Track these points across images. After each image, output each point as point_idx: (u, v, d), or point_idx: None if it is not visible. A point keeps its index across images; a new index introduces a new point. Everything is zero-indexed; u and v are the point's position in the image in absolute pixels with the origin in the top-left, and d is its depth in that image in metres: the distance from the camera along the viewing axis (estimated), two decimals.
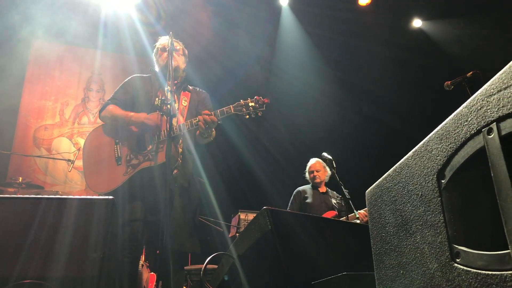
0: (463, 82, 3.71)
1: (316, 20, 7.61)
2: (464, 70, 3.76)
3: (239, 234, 4.15)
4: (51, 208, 2.06)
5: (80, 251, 1.98)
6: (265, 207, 2.27)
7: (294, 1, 7.62)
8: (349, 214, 4.74)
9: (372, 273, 1.37)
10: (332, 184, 5.37)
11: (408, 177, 1.25)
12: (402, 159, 1.29)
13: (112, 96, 3.34)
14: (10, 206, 2.08)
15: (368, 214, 1.43)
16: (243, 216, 5.84)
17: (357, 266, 1.93)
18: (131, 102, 3.32)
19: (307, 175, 5.76)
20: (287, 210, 5.02)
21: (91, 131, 3.35)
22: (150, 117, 3.06)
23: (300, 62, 8.06)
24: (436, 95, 6.04)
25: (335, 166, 4.83)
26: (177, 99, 3.24)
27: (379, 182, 1.39)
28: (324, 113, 7.92)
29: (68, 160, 5.72)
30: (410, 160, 1.25)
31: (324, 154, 4.96)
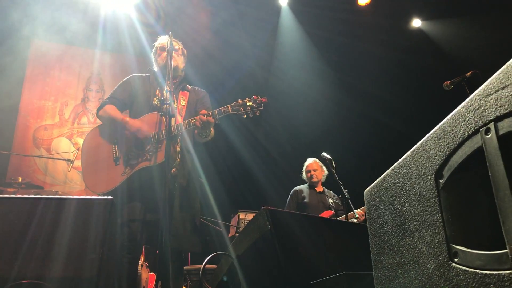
0: (462, 82, 3.71)
1: (316, 20, 7.60)
2: (463, 70, 3.76)
3: (238, 234, 4.15)
4: (50, 208, 2.06)
5: (79, 251, 1.98)
6: (264, 207, 2.27)
7: (294, 1, 7.62)
8: (348, 213, 4.74)
9: (371, 272, 1.37)
10: (331, 184, 5.37)
11: (407, 177, 1.25)
12: (401, 159, 1.29)
13: (110, 95, 3.33)
14: (10, 206, 2.07)
15: (366, 214, 1.43)
16: (242, 216, 5.84)
17: (355, 266, 1.93)
18: (129, 102, 3.32)
19: (304, 175, 5.76)
20: (286, 210, 5.01)
21: (89, 131, 3.34)
22: (142, 126, 3.05)
23: (299, 62, 8.06)
24: (436, 95, 6.03)
25: (334, 165, 4.83)
26: (175, 99, 3.23)
27: (378, 182, 1.39)
28: (323, 113, 7.91)
29: (68, 160, 5.72)
30: (408, 160, 1.25)
31: (324, 154, 4.97)
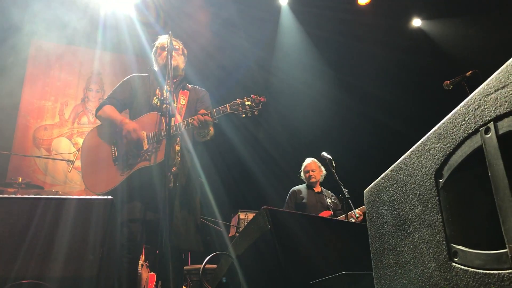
0: (462, 81, 3.71)
1: (316, 20, 7.60)
2: (463, 69, 3.76)
3: (238, 234, 4.15)
4: (50, 208, 2.06)
5: (79, 251, 1.98)
6: (264, 206, 2.27)
7: (294, 0, 7.61)
8: (348, 213, 4.74)
9: (371, 272, 1.37)
10: (331, 184, 5.37)
11: (406, 176, 1.25)
12: (400, 159, 1.29)
13: (110, 95, 3.33)
14: (10, 206, 2.07)
15: (366, 214, 1.43)
16: (242, 215, 5.84)
17: (355, 265, 1.93)
18: (129, 102, 3.32)
19: (302, 175, 5.76)
20: (286, 210, 5.02)
21: (89, 131, 3.34)
22: (139, 128, 3.04)
23: (299, 62, 8.05)
24: (435, 94, 6.03)
25: (334, 165, 4.84)
26: (175, 98, 3.23)
27: (377, 182, 1.39)
28: (323, 113, 7.90)
29: (68, 160, 5.72)
30: (408, 160, 1.25)
31: (324, 154, 4.97)
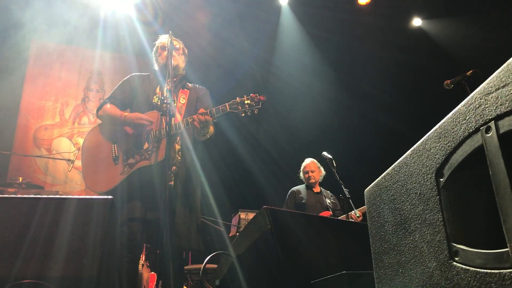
0: (462, 80, 3.70)
1: (316, 20, 7.59)
2: (464, 69, 3.75)
3: (238, 234, 4.15)
4: (50, 208, 2.06)
5: (79, 251, 1.98)
6: (264, 206, 2.27)
7: (294, 0, 7.61)
8: (349, 212, 4.74)
9: (371, 272, 1.37)
10: (332, 183, 5.38)
11: (407, 175, 1.25)
12: (401, 158, 1.29)
13: (110, 95, 3.35)
14: (10, 206, 2.07)
15: (367, 213, 1.43)
16: (243, 215, 5.84)
17: (356, 265, 1.93)
18: (129, 101, 3.33)
19: (301, 175, 5.76)
20: (286, 210, 5.02)
21: (89, 131, 3.35)
22: (143, 116, 3.06)
23: (299, 62, 8.05)
24: (436, 94, 6.03)
25: (335, 165, 4.84)
26: (175, 97, 3.24)
27: (378, 181, 1.39)
28: (323, 113, 7.90)
29: (68, 160, 5.72)
30: (409, 159, 1.25)
31: (324, 153, 4.97)
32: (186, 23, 6.97)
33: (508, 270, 0.88)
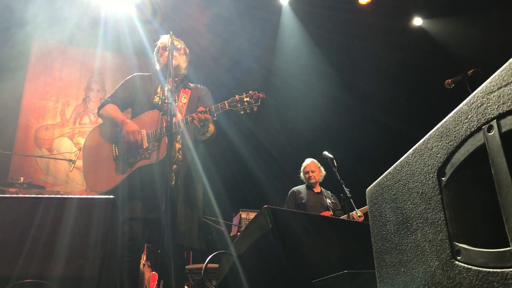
0: (463, 80, 3.70)
1: (316, 19, 7.59)
2: (464, 68, 3.75)
3: (239, 234, 4.15)
4: (51, 207, 2.06)
5: (80, 250, 1.98)
6: (265, 206, 2.27)
7: (294, 0, 7.60)
8: (350, 213, 4.74)
9: (373, 271, 1.37)
10: (333, 183, 5.38)
11: (409, 175, 1.24)
12: (403, 157, 1.29)
13: (112, 94, 3.36)
14: (11, 205, 2.08)
15: (368, 212, 1.42)
16: (244, 215, 5.84)
17: (357, 264, 1.93)
18: (130, 101, 3.33)
19: (302, 175, 5.77)
20: (288, 209, 5.02)
21: (90, 131, 3.36)
22: (138, 129, 3.05)
23: (300, 62, 8.04)
24: (437, 93, 6.02)
25: (336, 165, 4.84)
26: (176, 97, 3.24)
27: (380, 180, 1.39)
28: (324, 112, 7.90)
29: (69, 160, 5.71)
30: (411, 158, 1.25)
31: (325, 153, 4.97)
32: (187, 23, 6.97)
33: (511, 269, 0.88)
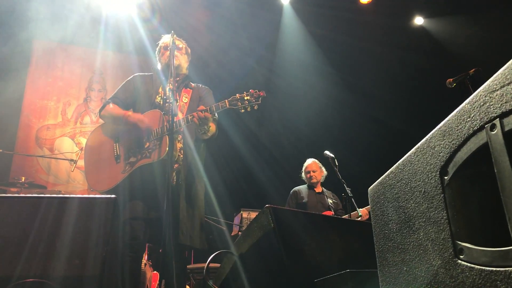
0: (465, 79, 3.69)
1: (317, 19, 7.59)
2: (466, 67, 3.74)
3: (241, 233, 4.15)
4: (52, 207, 2.06)
5: (81, 250, 1.98)
6: (267, 205, 2.27)
7: None
8: (351, 212, 4.74)
9: (375, 270, 1.36)
10: (334, 183, 5.38)
11: (411, 174, 1.24)
12: (405, 156, 1.29)
13: (113, 95, 3.36)
14: (12, 205, 2.08)
15: (370, 212, 1.42)
16: (245, 214, 5.84)
17: (359, 263, 1.93)
18: (131, 101, 3.34)
19: (303, 175, 5.77)
20: (289, 208, 5.02)
21: (92, 130, 3.37)
22: (144, 118, 3.06)
23: (301, 62, 8.03)
24: (438, 93, 6.02)
25: (337, 164, 4.84)
26: (178, 96, 3.24)
27: (382, 179, 1.39)
28: (325, 112, 7.89)
29: (71, 160, 5.72)
30: (413, 157, 1.24)
31: (326, 152, 4.98)
32: (188, 22, 6.97)
33: None
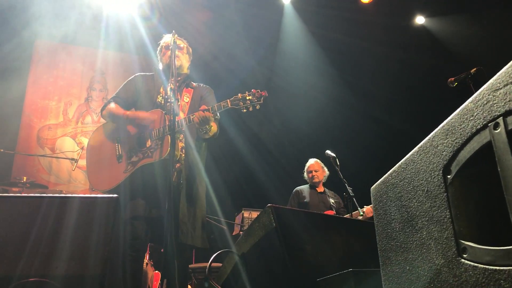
0: (466, 78, 3.69)
1: (319, 19, 7.58)
2: (467, 66, 3.74)
3: (242, 233, 4.15)
4: (53, 206, 2.06)
5: (83, 249, 1.98)
6: (269, 204, 2.27)
7: None
8: (353, 212, 4.74)
9: (378, 269, 1.36)
10: (336, 182, 5.38)
11: (414, 172, 1.24)
12: (408, 155, 1.28)
13: (114, 95, 3.37)
14: (14, 205, 2.08)
15: (373, 211, 1.42)
16: (246, 214, 5.84)
17: (362, 263, 1.93)
18: (133, 101, 3.34)
19: (305, 175, 5.79)
20: (291, 208, 5.02)
21: (94, 130, 3.37)
22: (144, 116, 3.07)
23: (302, 62, 8.02)
24: (440, 92, 6.01)
25: (338, 163, 4.84)
26: (179, 96, 3.24)
27: (385, 178, 1.39)
28: (326, 112, 7.88)
29: (72, 159, 5.72)
30: (416, 156, 1.24)
31: (328, 152, 4.98)
32: (188, 22, 6.97)
33: None
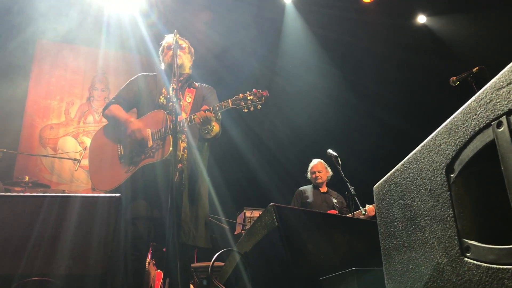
0: (468, 77, 3.68)
1: (320, 18, 7.57)
2: (469, 65, 3.73)
3: (244, 232, 4.15)
4: (55, 206, 2.07)
5: (85, 248, 1.98)
6: (271, 203, 2.27)
7: None
8: (355, 211, 4.74)
9: (381, 268, 1.36)
10: (338, 181, 5.38)
11: (417, 171, 1.24)
12: (410, 154, 1.28)
13: (116, 95, 3.36)
14: (16, 204, 2.08)
15: (376, 209, 1.42)
16: (248, 213, 5.84)
17: (365, 261, 1.93)
18: (135, 101, 3.34)
19: (309, 175, 5.80)
20: (294, 207, 5.02)
21: (97, 130, 3.38)
22: (143, 127, 3.04)
23: (303, 61, 8.02)
24: (441, 92, 6.01)
25: (340, 163, 4.84)
26: (181, 96, 3.23)
27: (387, 177, 1.39)
28: (327, 112, 7.88)
29: (74, 159, 5.73)
30: (419, 155, 1.24)
31: (329, 151, 4.98)
32: (190, 22, 6.97)
33: None
